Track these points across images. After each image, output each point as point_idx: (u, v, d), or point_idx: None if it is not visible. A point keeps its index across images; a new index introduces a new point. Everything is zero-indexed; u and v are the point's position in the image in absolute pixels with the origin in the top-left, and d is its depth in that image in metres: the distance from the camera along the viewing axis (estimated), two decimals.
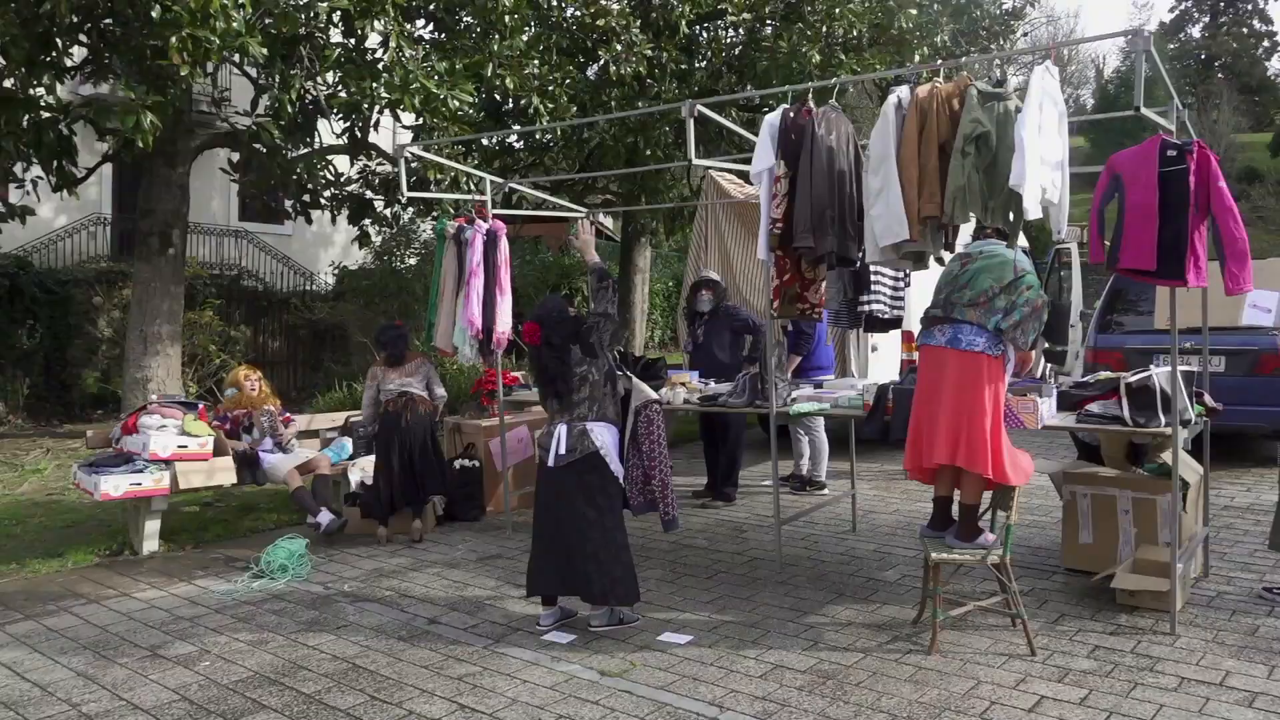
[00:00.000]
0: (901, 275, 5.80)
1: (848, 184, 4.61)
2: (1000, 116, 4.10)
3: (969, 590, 5.29)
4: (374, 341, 6.86)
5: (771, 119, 4.72)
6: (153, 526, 6.51)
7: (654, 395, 5.08)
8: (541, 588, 4.84)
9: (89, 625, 5.07)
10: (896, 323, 5.88)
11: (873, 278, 5.58)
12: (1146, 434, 4.70)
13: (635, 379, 5.14)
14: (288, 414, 7.37)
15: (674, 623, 4.91)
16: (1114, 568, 5.13)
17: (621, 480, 4.89)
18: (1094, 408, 4.96)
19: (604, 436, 4.75)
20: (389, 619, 5.09)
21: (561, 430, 4.76)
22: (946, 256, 4.69)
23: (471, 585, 5.66)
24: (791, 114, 4.68)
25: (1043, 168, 4.07)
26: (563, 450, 4.71)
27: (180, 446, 6.39)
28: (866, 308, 5.59)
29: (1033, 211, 4.14)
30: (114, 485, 6.09)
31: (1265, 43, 59.72)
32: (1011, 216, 4.32)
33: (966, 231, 4.79)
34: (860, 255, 4.79)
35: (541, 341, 4.79)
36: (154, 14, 6.97)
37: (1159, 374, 4.68)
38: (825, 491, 7.99)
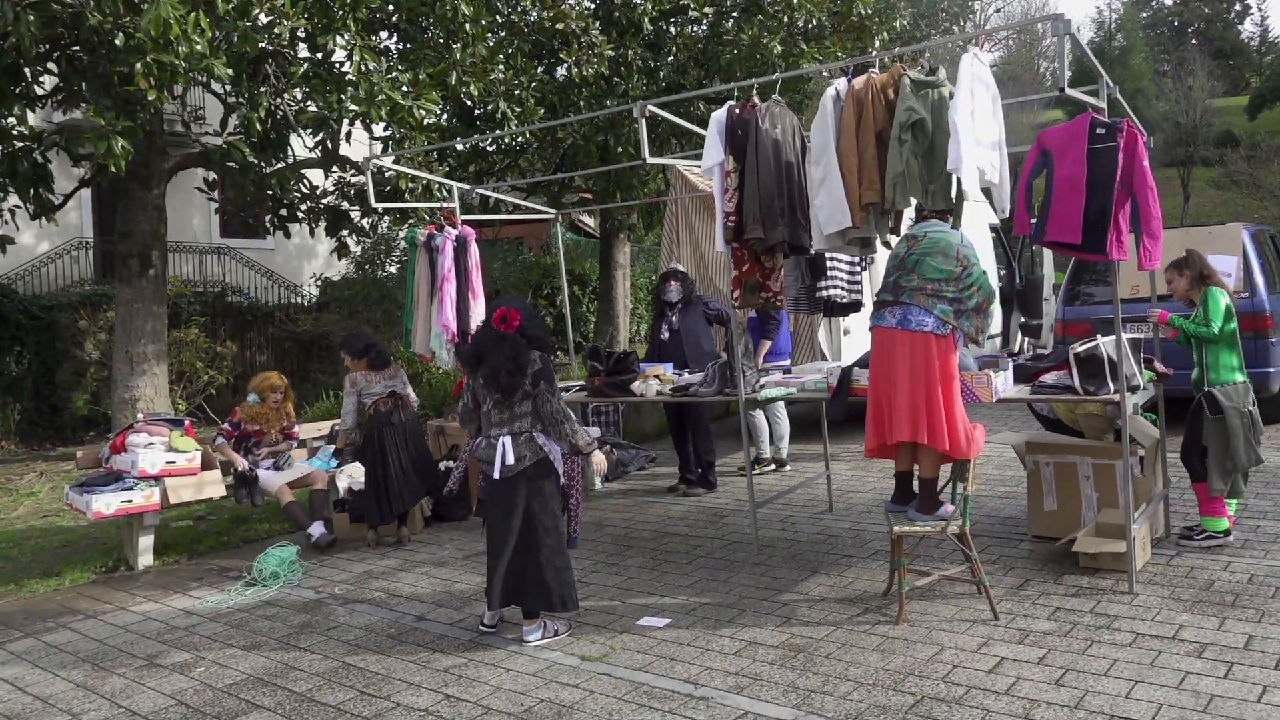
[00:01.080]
0: (858, 260, 5.97)
1: (795, 174, 4.77)
2: (935, 103, 4.27)
3: (938, 561, 5.47)
4: (349, 351, 6.87)
5: (718, 115, 4.88)
6: (146, 542, 6.66)
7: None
8: (505, 599, 4.76)
9: (87, 639, 5.22)
10: (855, 306, 6.04)
11: (829, 263, 5.74)
12: (1096, 402, 4.88)
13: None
14: (294, 428, 7.43)
15: (653, 607, 5.08)
16: (1077, 532, 5.31)
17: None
18: (1048, 379, 5.14)
19: (551, 446, 4.73)
20: (378, 618, 5.25)
21: (506, 441, 4.66)
22: (894, 240, 4.85)
23: (458, 582, 5.82)
24: (737, 110, 4.84)
25: (979, 149, 4.23)
26: (510, 460, 4.63)
27: (169, 462, 6.53)
28: (825, 293, 5.75)
29: (973, 193, 4.30)
30: (105, 503, 6.22)
31: (1237, 7, 60.09)
32: (953, 198, 4.49)
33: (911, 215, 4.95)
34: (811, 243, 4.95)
35: (518, 330, 4.67)
36: (117, 41, 7.09)
37: (1105, 343, 4.85)
38: (787, 468, 8.33)
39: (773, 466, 8.41)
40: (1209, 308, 5.33)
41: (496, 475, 4.67)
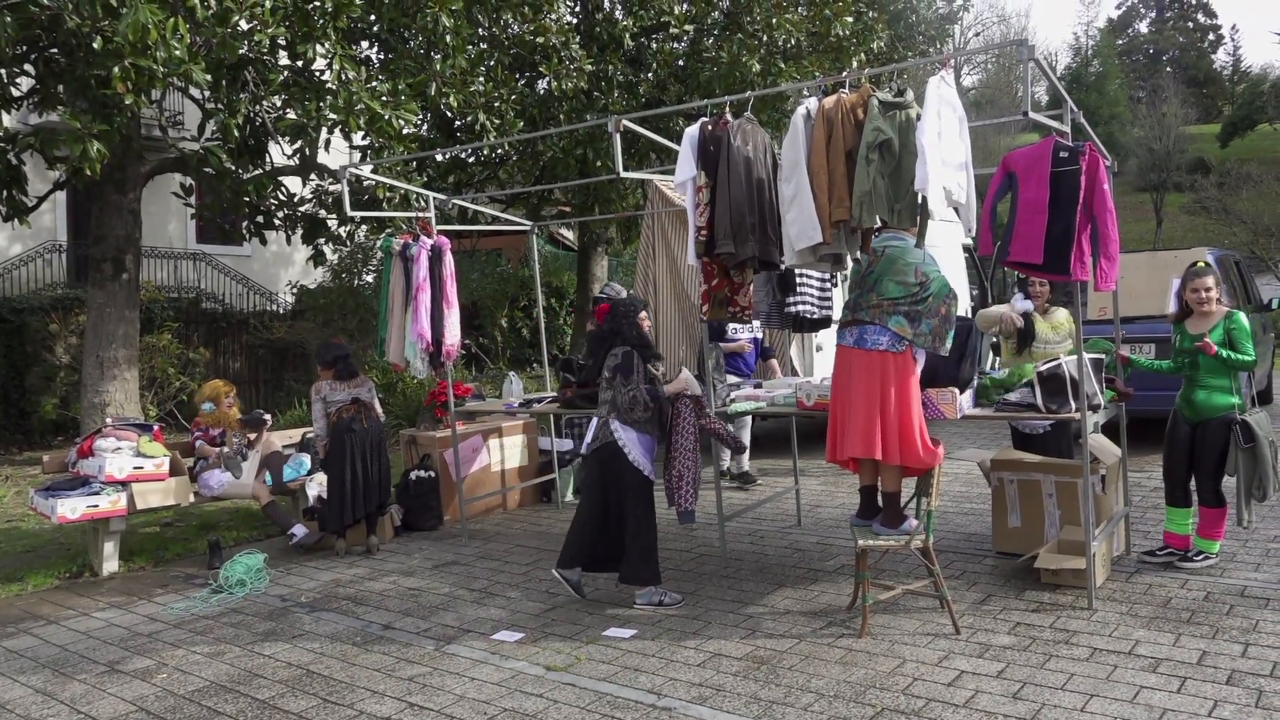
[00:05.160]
0: (828, 276, 6.03)
1: (766, 191, 4.83)
2: (902, 124, 4.34)
3: (903, 575, 5.52)
4: (319, 360, 6.96)
5: (691, 131, 4.94)
6: (111, 547, 6.60)
7: (683, 388, 5.23)
8: (570, 561, 5.34)
9: (48, 645, 5.17)
10: (825, 322, 6.10)
11: (799, 280, 5.80)
12: (1058, 419, 4.96)
13: (661, 379, 5.39)
14: (248, 436, 7.45)
15: (620, 618, 5.10)
16: (1040, 549, 5.38)
17: (648, 474, 5.21)
18: (1012, 396, 5.22)
19: (624, 434, 5.14)
20: (344, 627, 5.23)
21: (594, 423, 5.35)
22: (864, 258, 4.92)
23: (427, 592, 5.81)
24: (709, 126, 4.91)
25: (945, 169, 4.31)
26: (590, 439, 5.33)
27: (136, 467, 6.49)
28: (794, 309, 5.81)
29: (939, 212, 4.37)
30: (71, 508, 6.17)
31: (1210, 36, 61.16)
32: (919, 218, 4.57)
33: None
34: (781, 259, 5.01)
35: (602, 319, 5.39)
36: (96, 45, 7.08)
37: (1068, 362, 4.93)
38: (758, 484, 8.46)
39: (735, 483, 8.51)
40: (1244, 332, 5.19)
41: (583, 451, 5.34)
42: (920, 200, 4.49)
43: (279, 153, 10.47)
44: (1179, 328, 5.46)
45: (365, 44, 10.76)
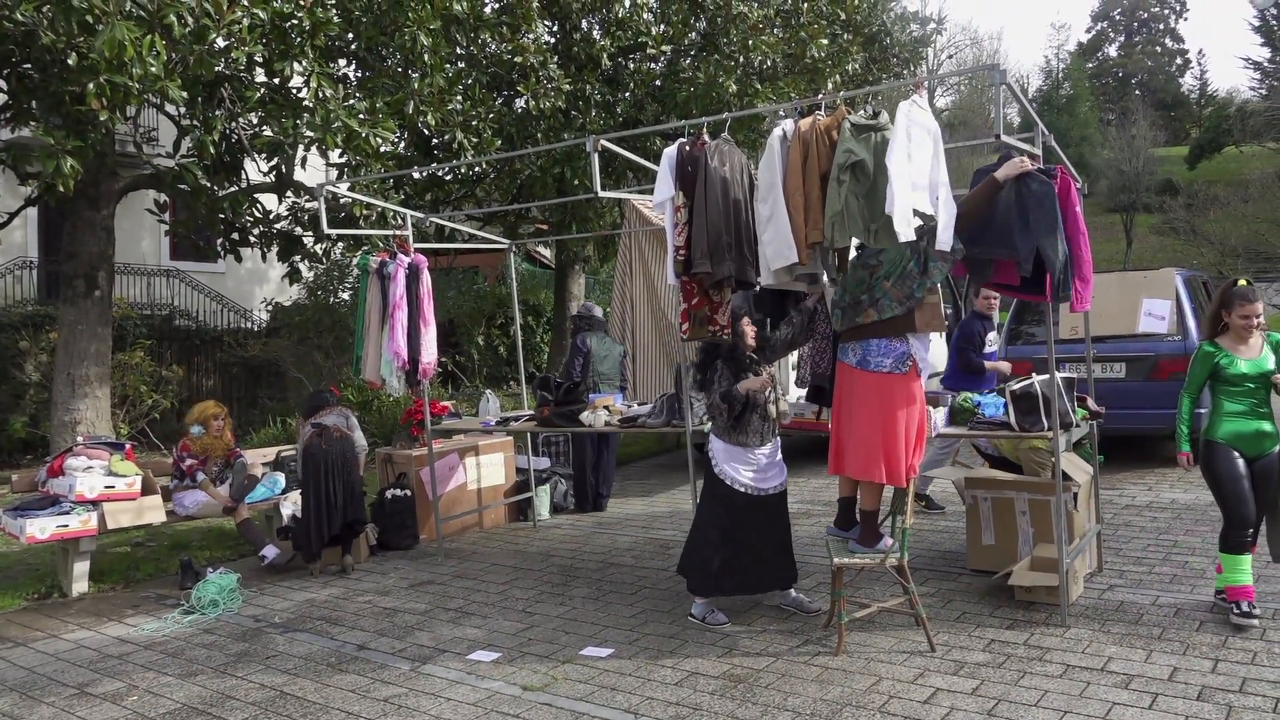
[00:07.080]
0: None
1: (743, 211, 4.88)
2: (877, 145, 4.39)
3: (879, 593, 5.54)
4: (302, 415, 7.05)
5: (669, 152, 4.99)
6: (81, 568, 6.52)
7: (760, 386, 5.13)
8: None
9: (15, 668, 5.09)
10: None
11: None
12: (1032, 438, 5.01)
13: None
14: (236, 449, 7.37)
15: (597, 638, 5.09)
16: (1014, 566, 5.42)
17: (729, 483, 5.15)
18: (986, 399, 5.29)
19: (714, 443, 5.22)
20: (318, 647, 5.19)
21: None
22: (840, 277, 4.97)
23: (402, 611, 5.77)
24: (687, 146, 4.95)
25: (915, 193, 4.33)
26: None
27: (107, 487, 6.42)
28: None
29: (903, 234, 4.35)
30: (40, 528, 6.09)
31: (1178, 60, 62.22)
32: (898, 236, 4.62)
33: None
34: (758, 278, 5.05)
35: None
36: (70, 61, 7.04)
37: (1040, 381, 4.99)
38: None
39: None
40: None
41: None
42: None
43: (255, 170, 10.41)
44: (1221, 351, 4.83)
45: (343, 62, 10.74)
